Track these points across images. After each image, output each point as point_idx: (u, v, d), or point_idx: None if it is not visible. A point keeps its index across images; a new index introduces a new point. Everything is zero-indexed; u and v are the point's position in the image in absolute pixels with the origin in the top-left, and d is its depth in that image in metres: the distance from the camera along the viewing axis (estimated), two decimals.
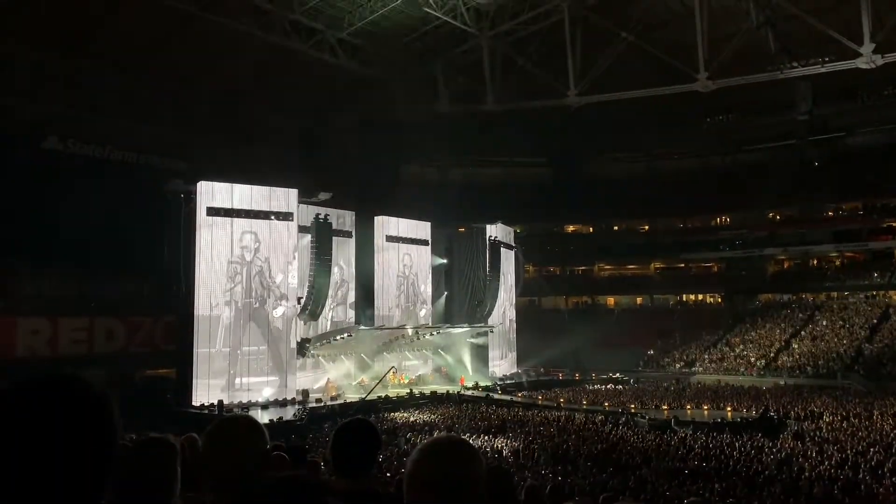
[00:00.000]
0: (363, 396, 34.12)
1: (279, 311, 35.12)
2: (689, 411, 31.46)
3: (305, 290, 36.12)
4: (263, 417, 27.92)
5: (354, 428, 2.33)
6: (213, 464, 2.16)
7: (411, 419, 29.28)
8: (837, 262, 55.02)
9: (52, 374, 1.27)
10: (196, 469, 2.48)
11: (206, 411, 30.26)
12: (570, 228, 65.93)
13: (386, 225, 42.77)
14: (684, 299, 59.84)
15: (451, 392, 37.86)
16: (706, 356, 47.79)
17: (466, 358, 44.66)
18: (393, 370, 39.10)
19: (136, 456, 2.11)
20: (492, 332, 45.37)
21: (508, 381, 43.10)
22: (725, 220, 60.57)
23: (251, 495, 1.45)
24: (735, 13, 42.79)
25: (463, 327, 43.33)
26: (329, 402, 33.39)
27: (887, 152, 56.81)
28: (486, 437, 24.66)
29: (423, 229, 45.16)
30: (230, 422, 2.28)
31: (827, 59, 40.31)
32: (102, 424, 1.27)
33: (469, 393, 37.90)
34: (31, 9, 34.63)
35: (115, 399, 1.32)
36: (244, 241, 34.46)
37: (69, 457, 1.20)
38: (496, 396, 36.66)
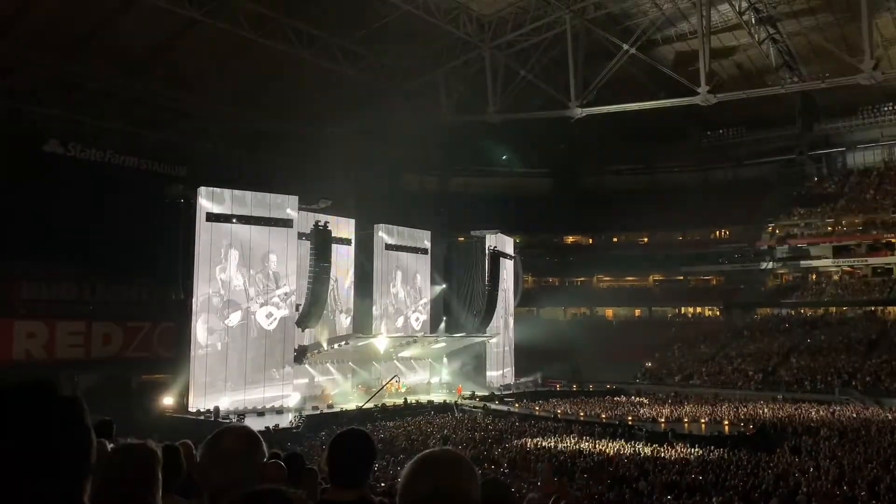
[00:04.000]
0: (360, 405, 34.04)
1: (275, 317, 35.07)
2: (686, 424, 31.43)
3: (304, 297, 36.07)
4: (260, 424, 27.85)
5: (350, 438, 2.32)
6: (209, 474, 2.15)
7: (408, 429, 29.19)
8: (836, 277, 55.02)
9: (20, 380, 1.30)
10: (192, 477, 2.47)
11: (203, 417, 30.19)
12: (570, 239, 65.96)
13: (386, 233, 42.80)
14: (683, 312, 59.80)
15: (448, 401, 37.80)
16: (704, 369, 47.69)
17: (464, 367, 44.63)
18: (396, 379, 39.08)
19: (112, 461, 2.09)
20: (490, 341, 45.35)
21: (506, 392, 43.01)
22: (725, 233, 60.62)
23: None
24: (737, 28, 43.00)
25: (461, 336, 43.29)
26: (325, 410, 33.33)
27: (887, 168, 57.02)
28: (483, 447, 24.60)
29: (422, 238, 45.18)
30: (228, 433, 2.27)
31: (827, 74, 40.48)
32: (73, 428, 1.30)
33: (466, 403, 37.82)
34: (33, 12, 34.75)
35: (84, 402, 1.35)
36: (244, 247, 34.46)
37: (41, 459, 1.23)
38: (493, 406, 36.59)
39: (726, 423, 31.13)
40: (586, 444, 25.24)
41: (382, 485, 13.91)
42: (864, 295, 51.73)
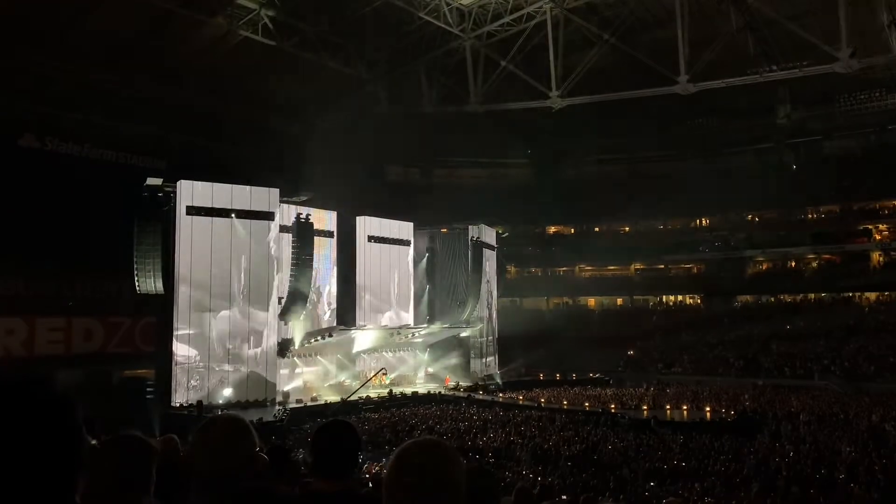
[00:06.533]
0: (345, 397, 34.00)
1: (257, 310, 34.93)
2: (668, 411, 31.74)
3: (286, 290, 35.90)
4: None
5: (334, 429, 2.31)
6: (199, 465, 2.14)
7: (393, 420, 29.22)
8: (815, 264, 55.64)
9: (10, 377, 1.29)
10: (180, 470, 2.46)
11: (186, 412, 30.06)
12: (552, 229, 66.12)
13: (368, 225, 42.65)
14: (664, 300, 60.22)
15: (432, 392, 37.88)
16: (685, 357, 48.12)
17: (448, 358, 44.71)
18: (383, 371, 39.07)
19: (107, 452, 2.08)
20: (473, 332, 45.44)
21: (489, 382, 43.18)
22: (705, 222, 61.05)
23: None
24: (715, 17, 43.18)
25: (445, 327, 43.33)
26: (309, 403, 33.27)
27: (864, 156, 57.63)
28: (467, 437, 24.69)
29: (405, 230, 45.09)
30: (217, 422, 2.26)
31: (805, 63, 40.81)
32: (64, 425, 1.29)
33: (451, 393, 37.93)
34: (7, 4, 34.17)
35: (76, 400, 1.34)
36: (224, 241, 34.21)
37: (32, 458, 1.23)
38: (478, 397, 36.72)
39: (708, 409, 31.46)
40: (570, 432, 25.40)
41: (367, 476, 13.94)
42: (842, 281, 52.38)
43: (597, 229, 64.20)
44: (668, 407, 32.91)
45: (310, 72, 44.34)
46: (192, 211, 33.49)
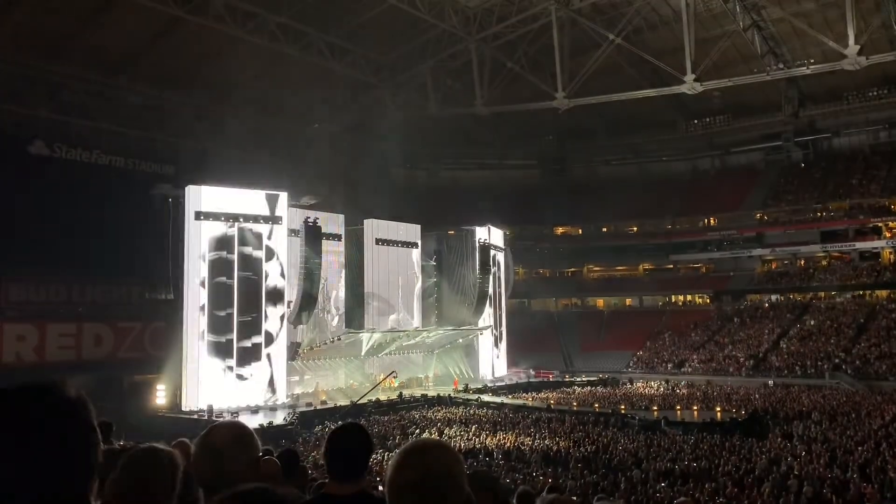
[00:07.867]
0: (355, 400, 34.04)
1: (266, 314, 35.02)
2: (678, 412, 31.63)
3: (295, 294, 36.00)
4: (253, 422, 27.83)
5: (346, 432, 2.34)
6: (202, 469, 2.15)
7: (403, 423, 29.23)
8: (824, 263, 55.36)
9: (27, 381, 1.32)
10: (187, 476, 2.47)
11: (196, 416, 30.16)
12: (560, 230, 66.01)
13: (375, 228, 42.67)
14: (673, 300, 60.02)
15: (441, 395, 37.86)
16: (695, 357, 47.94)
17: (457, 360, 44.69)
18: (394, 374, 39.09)
19: (133, 466, 2.10)
20: (482, 334, 45.41)
21: (499, 383, 43.14)
22: (713, 221, 60.84)
23: None
24: (722, 16, 43.11)
25: (453, 329, 43.32)
26: (319, 406, 33.30)
27: (873, 153, 57.34)
28: (477, 439, 24.68)
29: (412, 232, 45.10)
30: (219, 428, 2.28)
31: (812, 60, 40.66)
32: (78, 427, 1.31)
33: (460, 395, 37.91)
34: (16, 12, 34.43)
35: (90, 402, 1.36)
36: (232, 245, 34.31)
37: (47, 459, 1.25)
38: (487, 398, 36.69)
39: (718, 409, 31.35)
40: (580, 433, 25.37)
41: (378, 479, 13.95)
42: (852, 279, 52.07)
43: (604, 230, 64.10)
44: (678, 407, 32.81)
45: (317, 76, 44.47)
46: (201, 216, 33.61)
